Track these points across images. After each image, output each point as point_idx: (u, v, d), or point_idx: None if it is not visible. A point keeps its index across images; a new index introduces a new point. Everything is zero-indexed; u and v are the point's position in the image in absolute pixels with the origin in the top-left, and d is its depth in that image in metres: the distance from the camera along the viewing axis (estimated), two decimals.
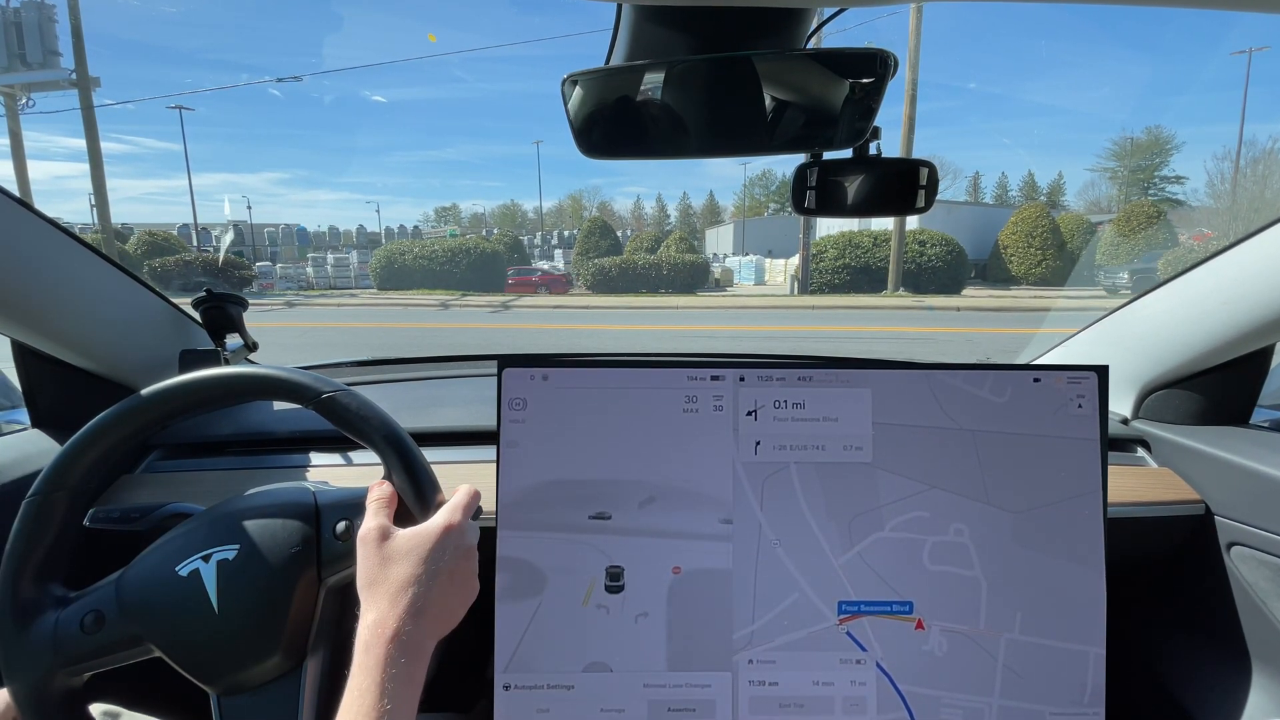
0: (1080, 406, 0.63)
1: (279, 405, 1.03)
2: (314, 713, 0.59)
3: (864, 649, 0.61)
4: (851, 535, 0.61)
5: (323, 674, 0.62)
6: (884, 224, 17.46)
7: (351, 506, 0.62)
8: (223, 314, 0.99)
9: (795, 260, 18.69)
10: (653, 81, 0.65)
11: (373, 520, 0.56)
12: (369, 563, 0.54)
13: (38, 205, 0.78)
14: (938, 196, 0.75)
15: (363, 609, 0.53)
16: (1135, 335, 0.98)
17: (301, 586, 0.59)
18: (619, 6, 0.61)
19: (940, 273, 17.15)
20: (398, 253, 21.36)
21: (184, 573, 0.58)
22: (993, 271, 20.78)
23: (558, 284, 22.18)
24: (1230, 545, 0.83)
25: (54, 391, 0.91)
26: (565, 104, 0.67)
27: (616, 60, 0.67)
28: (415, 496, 0.59)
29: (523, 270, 23.38)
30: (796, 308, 14.74)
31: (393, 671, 0.48)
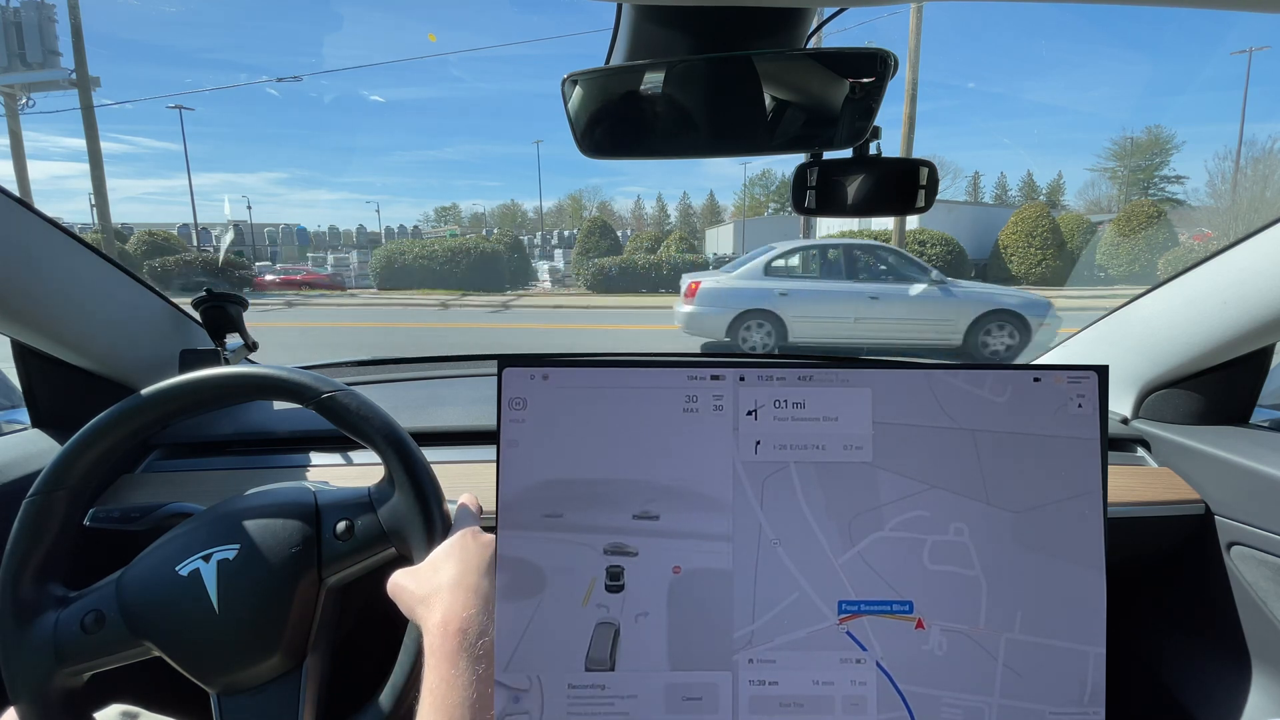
0: (1080, 406, 0.63)
1: (279, 405, 1.03)
2: (314, 713, 0.59)
3: (864, 648, 0.60)
4: (851, 535, 0.61)
5: (323, 674, 0.62)
6: (884, 224, 17.42)
7: (352, 506, 0.62)
8: (223, 314, 0.99)
9: None
10: (653, 81, 0.65)
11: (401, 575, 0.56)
12: (411, 586, 0.54)
13: (38, 205, 0.78)
14: (938, 196, 0.75)
15: (423, 621, 0.52)
16: (1135, 335, 0.98)
17: (302, 586, 0.59)
18: (619, 6, 0.61)
19: (940, 272, 17.12)
20: (398, 253, 21.33)
21: (184, 572, 0.58)
22: (993, 271, 20.74)
23: (322, 283, 21.70)
24: (1230, 545, 0.83)
25: (54, 391, 0.91)
26: (565, 104, 0.67)
27: (616, 60, 0.67)
28: (424, 520, 0.59)
29: (288, 269, 24.15)
30: None
31: (463, 662, 0.49)
